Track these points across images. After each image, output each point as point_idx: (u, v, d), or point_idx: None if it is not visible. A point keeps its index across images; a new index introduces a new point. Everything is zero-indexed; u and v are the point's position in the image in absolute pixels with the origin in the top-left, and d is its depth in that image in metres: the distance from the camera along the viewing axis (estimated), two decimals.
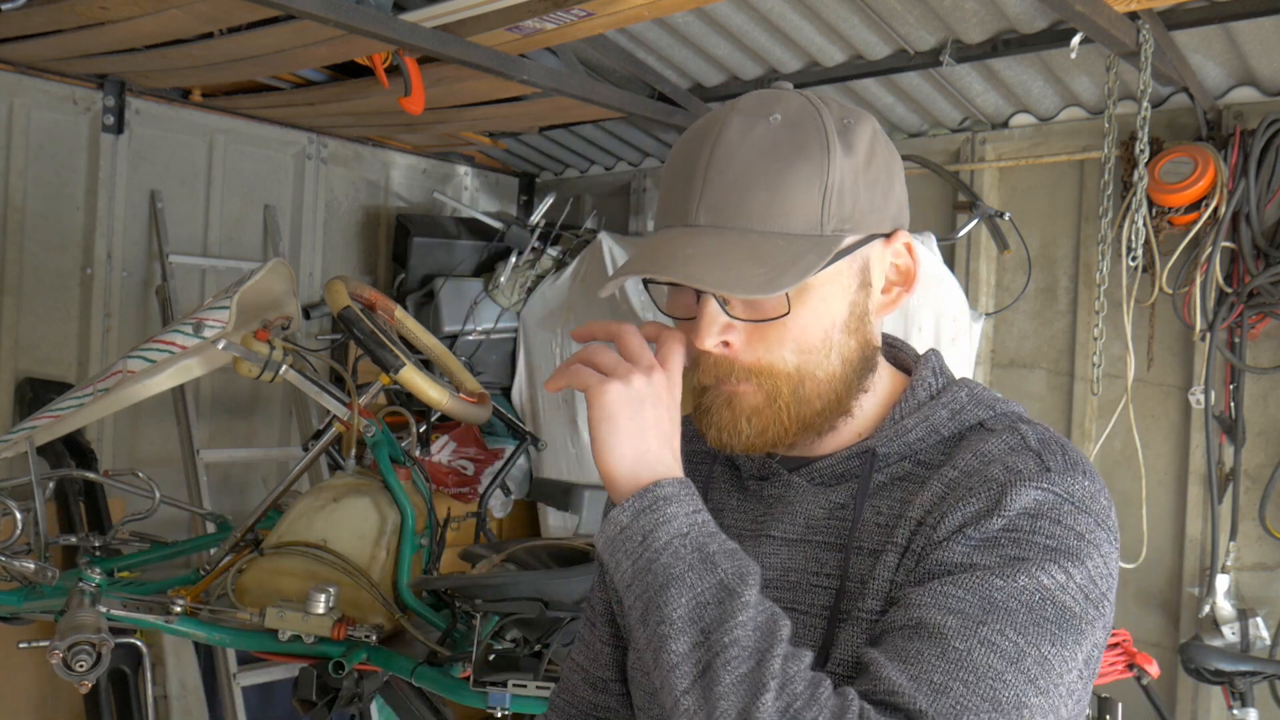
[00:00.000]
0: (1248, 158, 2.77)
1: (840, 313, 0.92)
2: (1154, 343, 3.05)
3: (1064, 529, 0.84)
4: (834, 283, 0.91)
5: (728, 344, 0.90)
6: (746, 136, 0.89)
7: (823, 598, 0.93)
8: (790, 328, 0.90)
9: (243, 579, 2.24)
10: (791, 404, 0.91)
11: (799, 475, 0.97)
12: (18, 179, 3.35)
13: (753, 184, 0.87)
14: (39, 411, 2.47)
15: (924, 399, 0.97)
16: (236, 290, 2.28)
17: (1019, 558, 0.82)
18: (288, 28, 2.59)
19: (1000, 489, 0.85)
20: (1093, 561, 0.84)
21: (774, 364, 0.90)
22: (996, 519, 0.83)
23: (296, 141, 4.01)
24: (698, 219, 0.89)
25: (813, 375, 0.91)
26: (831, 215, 0.88)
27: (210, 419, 3.82)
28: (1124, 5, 2.32)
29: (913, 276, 0.96)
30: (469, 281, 3.95)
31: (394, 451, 2.36)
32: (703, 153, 0.90)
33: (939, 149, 3.43)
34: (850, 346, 0.93)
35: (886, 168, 0.93)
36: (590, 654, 1.17)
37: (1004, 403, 0.98)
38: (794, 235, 0.87)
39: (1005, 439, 0.91)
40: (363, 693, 2.11)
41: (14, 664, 3.03)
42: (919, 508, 0.89)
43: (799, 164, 0.88)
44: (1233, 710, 2.65)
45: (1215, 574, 2.88)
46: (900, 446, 0.95)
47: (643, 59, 3.29)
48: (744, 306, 0.90)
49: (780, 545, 0.97)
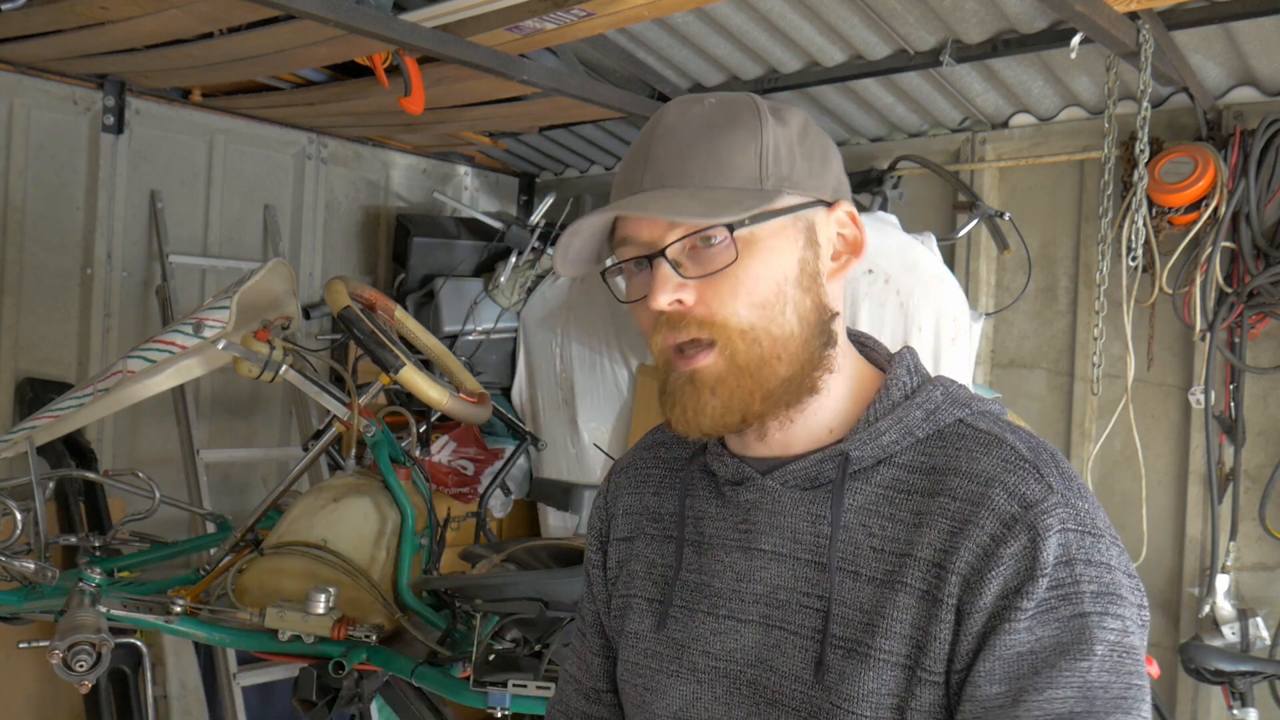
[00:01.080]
0: (1248, 158, 2.77)
1: (790, 267, 0.92)
2: (1154, 343, 3.05)
3: (1096, 566, 0.85)
4: (780, 236, 0.92)
5: (681, 302, 0.91)
6: (684, 116, 0.94)
7: (812, 619, 0.92)
8: (741, 278, 0.90)
9: (243, 579, 2.24)
10: (750, 366, 0.91)
11: (773, 479, 0.96)
12: (18, 179, 3.35)
13: (692, 150, 0.92)
14: (39, 411, 2.47)
15: (898, 399, 0.96)
16: (236, 290, 2.28)
17: (1079, 614, 0.83)
18: (288, 28, 2.59)
19: (1028, 538, 0.85)
20: (1125, 584, 0.86)
21: (727, 318, 0.90)
22: (1040, 580, 0.84)
23: (296, 141, 4.01)
24: (643, 185, 0.93)
25: (768, 331, 0.91)
26: (769, 174, 0.92)
27: (210, 419, 3.82)
28: (1124, 5, 2.32)
29: (860, 245, 0.98)
30: (469, 281, 3.94)
31: (394, 451, 2.36)
32: (645, 137, 0.95)
33: (939, 149, 3.43)
34: (805, 305, 0.93)
35: (821, 145, 0.97)
36: (582, 664, 1.17)
37: (979, 400, 0.97)
38: (733, 188, 0.91)
39: (996, 454, 0.90)
40: (363, 693, 2.11)
41: (14, 664, 3.03)
42: (928, 547, 0.88)
43: (733, 130, 0.92)
44: (1233, 710, 2.65)
45: (1215, 574, 2.88)
46: (874, 449, 0.94)
47: (643, 59, 3.29)
48: (695, 265, 0.91)
49: (770, 560, 0.96)
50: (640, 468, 1.14)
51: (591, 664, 1.15)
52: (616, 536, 1.12)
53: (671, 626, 1.02)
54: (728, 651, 0.97)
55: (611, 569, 1.12)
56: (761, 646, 0.95)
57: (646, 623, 1.04)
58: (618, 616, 1.10)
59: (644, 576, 1.07)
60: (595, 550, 1.15)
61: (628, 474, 1.15)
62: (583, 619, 1.18)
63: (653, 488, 1.11)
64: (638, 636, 1.05)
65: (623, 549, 1.11)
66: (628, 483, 1.14)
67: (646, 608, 1.05)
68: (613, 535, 1.13)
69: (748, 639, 0.96)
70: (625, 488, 1.14)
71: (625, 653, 1.06)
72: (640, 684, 1.03)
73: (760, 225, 0.91)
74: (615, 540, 1.12)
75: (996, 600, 0.84)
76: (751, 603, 0.96)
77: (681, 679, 0.99)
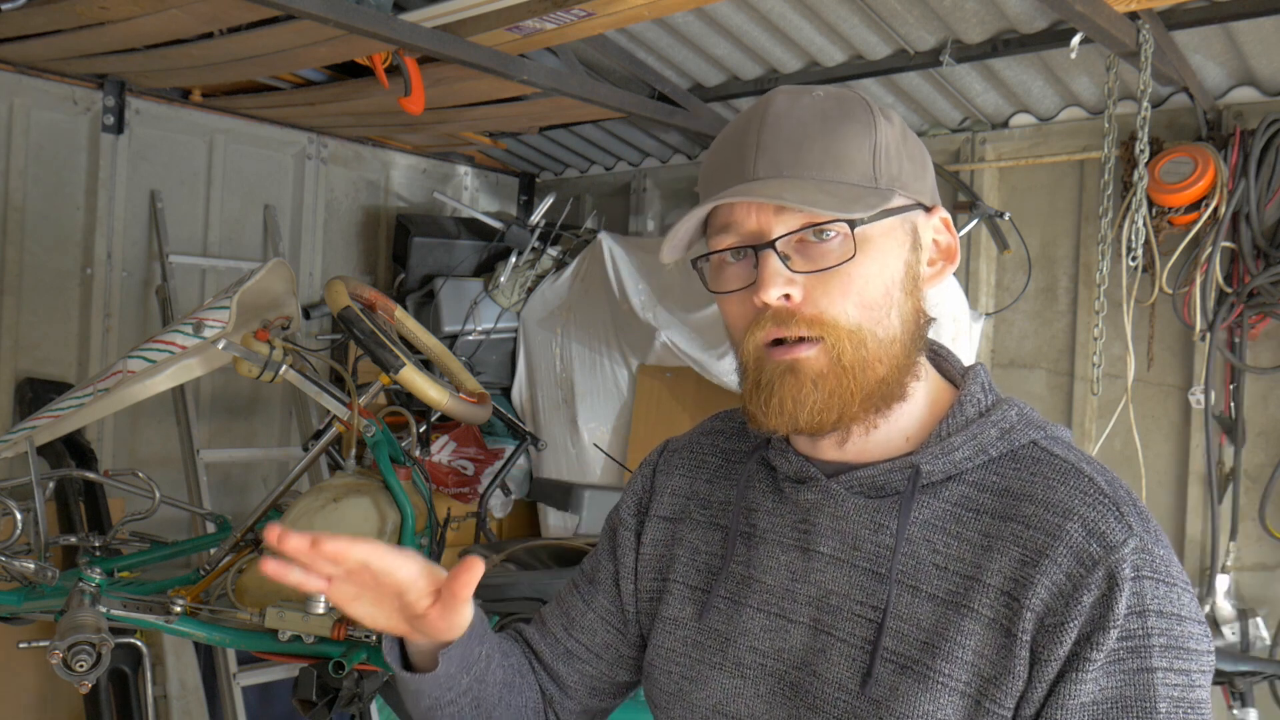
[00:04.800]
0: (1248, 158, 2.77)
1: (898, 270, 0.91)
2: (1154, 343, 3.05)
3: (1168, 618, 0.84)
4: (890, 237, 0.91)
5: (789, 297, 0.89)
6: (794, 106, 0.91)
7: (863, 629, 0.91)
8: (854, 277, 0.89)
9: (243, 579, 2.24)
10: (855, 366, 0.89)
11: (838, 482, 0.95)
12: (18, 179, 3.35)
13: (808, 140, 0.89)
14: (39, 411, 2.47)
15: (972, 415, 0.94)
16: (236, 290, 2.28)
17: (1145, 669, 0.83)
18: (288, 28, 2.59)
19: (1106, 586, 0.83)
20: (1195, 633, 0.85)
21: (836, 317, 0.88)
22: (1111, 631, 0.83)
23: (296, 141, 4.01)
24: (757, 173, 0.90)
25: (874, 334, 0.89)
26: (882, 172, 0.90)
27: (210, 419, 3.82)
28: (1124, 5, 2.32)
29: (954, 252, 0.97)
30: (469, 281, 3.95)
31: (394, 451, 2.36)
32: (752, 125, 0.92)
33: (939, 149, 3.43)
34: (908, 308, 0.92)
35: (919, 148, 0.97)
36: (564, 619, 1.13)
37: (1053, 426, 0.96)
38: (851, 184, 0.89)
39: (1074, 484, 0.89)
40: (363, 693, 2.11)
41: (14, 664, 3.03)
42: (998, 574, 0.87)
43: (848, 124, 0.90)
44: (1233, 710, 2.65)
45: (1215, 574, 2.89)
46: (946, 465, 0.92)
47: (643, 59, 3.29)
48: (805, 260, 0.89)
49: (828, 563, 0.94)
50: (697, 452, 1.12)
51: (582, 620, 1.12)
52: (659, 513, 1.10)
53: (715, 617, 1.00)
54: (775, 650, 0.96)
55: (646, 544, 1.10)
56: (809, 650, 0.94)
57: (688, 610, 1.03)
58: (650, 598, 1.08)
59: (687, 562, 1.05)
60: (631, 514, 1.12)
61: (683, 455, 1.12)
62: (587, 577, 1.15)
63: (706, 475, 1.09)
64: (676, 623, 1.03)
65: (663, 528, 1.09)
66: (681, 464, 1.12)
67: (689, 595, 1.04)
68: (654, 510, 1.10)
69: (795, 640, 0.95)
70: (678, 468, 1.11)
71: (662, 638, 1.04)
72: (678, 672, 1.02)
73: (874, 224, 0.89)
74: (656, 516, 1.10)
75: (1071, 648, 0.83)
76: (804, 604, 0.95)
77: (725, 671, 0.98)
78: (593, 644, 1.12)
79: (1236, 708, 2.63)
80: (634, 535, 1.11)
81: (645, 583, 1.09)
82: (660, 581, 1.07)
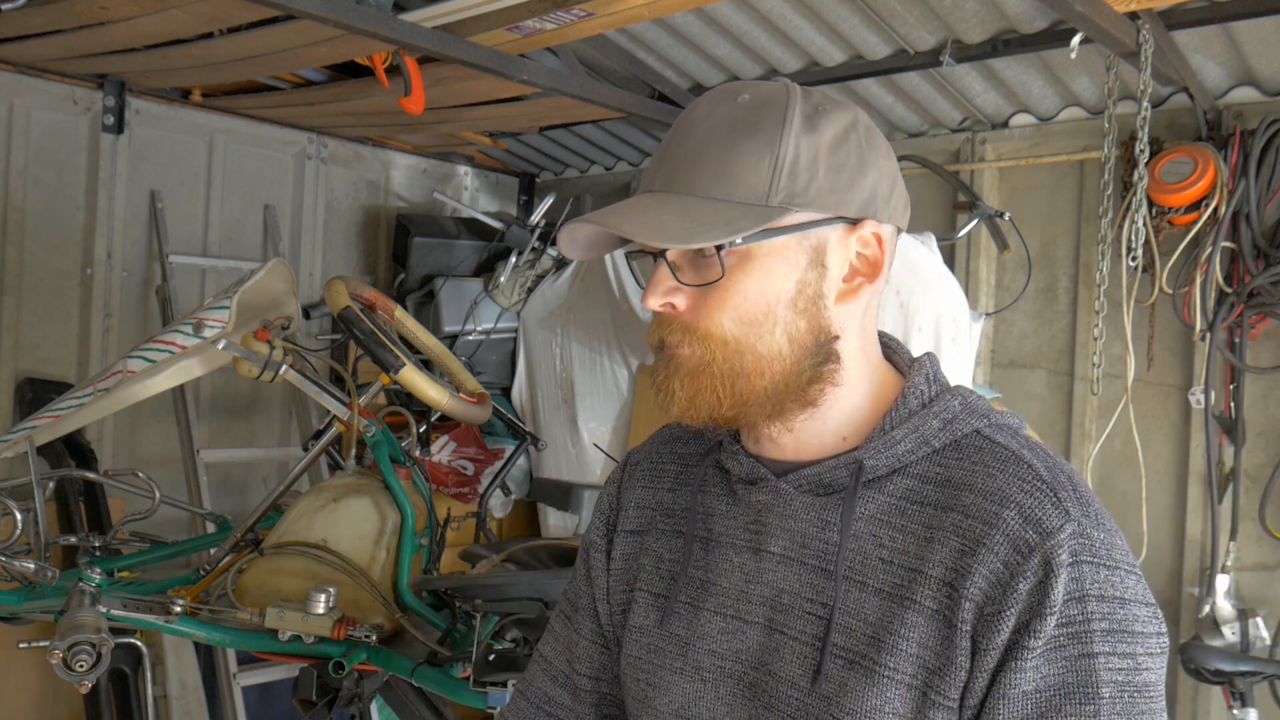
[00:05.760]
0: (1248, 158, 2.77)
1: (786, 289, 0.91)
2: (1154, 343, 3.05)
3: (1110, 602, 0.84)
4: (779, 256, 0.90)
5: (672, 305, 0.92)
6: (710, 114, 0.92)
7: (813, 626, 0.92)
8: (730, 294, 0.90)
9: (243, 579, 2.24)
10: (726, 374, 0.90)
11: (786, 481, 0.95)
12: (18, 179, 3.35)
13: (705, 154, 0.90)
14: (39, 411, 2.47)
15: (915, 407, 0.94)
16: (236, 290, 2.28)
17: (1086, 654, 0.82)
18: (288, 28, 2.59)
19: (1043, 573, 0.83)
20: (1141, 616, 0.85)
21: (710, 329, 0.90)
22: (1049, 618, 0.82)
23: (296, 141, 4.01)
24: (654, 185, 0.93)
25: (753, 349, 0.90)
26: (780, 189, 0.89)
27: (210, 419, 3.82)
28: (1124, 5, 2.32)
29: (879, 267, 0.94)
30: (469, 281, 3.94)
31: (394, 451, 2.36)
32: (674, 131, 0.95)
33: (939, 149, 3.43)
34: (799, 327, 0.91)
35: (859, 155, 0.92)
36: (560, 648, 1.15)
37: (999, 413, 0.96)
38: (735, 202, 0.89)
39: (1013, 471, 0.88)
40: (363, 693, 2.11)
41: (14, 664, 3.03)
42: (939, 564, 0.87)
43: (751, 139, 0.89)
44: (1233, 710, 2.65)
45: (1215, 574, 2.88)
46: (889, 459, 0.92)
47: (643, 59, 3.29)
48: (690, 271, 0.92)
49: (778, 562, 0.95)
50: (656, 462, 1.13)
51: (574, 648, 1.13)
52: (625, 528, 1.11)
53: (675, 622, 1.01)
54: (733, 651, 0.96)
55: (616, 559, 1.11)
56: (764, 649, 0.95)
57: (651, 617, 1.04)
58: (621, 610, 1.09)
59: (651, 571, 1.06)
60: (600, 535, 1.14)
61: (643, 467, 1.14)
62: (571, 603, 1.16)
63: (668, 483, 1.10)
64: (641, 631, 1.04)
65: (631, 542, 1.10)
66: (642, 476, 1.13)
67: (652, 602, 1.04)
68: (620, 526, 1.12)
69: (751, 640, 0.96)
70: (640, 480, 1.13)
71: (629, 646, 1.05)
72: (643, 679, 1.02)
73: (760, 242, 0.89)
74: (623, 532, 1.11)
75: (1010, 637, 0.83)
76: (758, 604, 0.96)
77: (686, 676, 0.99)
78: (592, 670, 1.13)
79: (1236, 708, 2.63)
80: (604, 555, 1.12)
81: (616, 596, 1.10)
82: (628, 593, 1.08)
